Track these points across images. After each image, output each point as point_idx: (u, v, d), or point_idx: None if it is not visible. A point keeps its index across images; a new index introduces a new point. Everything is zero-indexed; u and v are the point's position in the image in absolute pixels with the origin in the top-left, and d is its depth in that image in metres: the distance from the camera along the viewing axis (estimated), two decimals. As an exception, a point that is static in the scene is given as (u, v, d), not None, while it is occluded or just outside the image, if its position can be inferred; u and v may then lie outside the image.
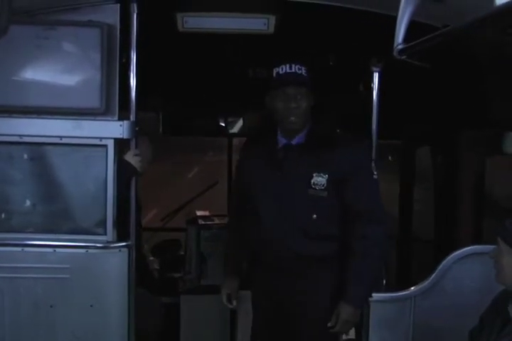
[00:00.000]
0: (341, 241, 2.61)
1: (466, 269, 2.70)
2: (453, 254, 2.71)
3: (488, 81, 3.19)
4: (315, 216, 2.56)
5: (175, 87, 3.10)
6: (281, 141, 2.64)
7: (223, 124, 5.23)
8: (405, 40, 2.13)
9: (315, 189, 2.55)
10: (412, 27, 2.13)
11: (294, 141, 2.63)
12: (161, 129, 4.72)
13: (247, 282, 2.90)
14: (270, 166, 2.63)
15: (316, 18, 3.11)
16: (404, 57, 2.19)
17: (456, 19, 2.57)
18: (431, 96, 3.77)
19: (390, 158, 5.41)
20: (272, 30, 3.34)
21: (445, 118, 3.87)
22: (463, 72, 3.38)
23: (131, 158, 2.82)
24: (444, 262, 2.71)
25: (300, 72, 2.56)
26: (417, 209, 4.82)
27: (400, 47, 2.17)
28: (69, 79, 2.74)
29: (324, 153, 2.56)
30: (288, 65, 2.56)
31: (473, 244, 2.89)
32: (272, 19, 3.29)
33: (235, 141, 5.01)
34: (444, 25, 2.80)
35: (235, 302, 2.91)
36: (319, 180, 2.54)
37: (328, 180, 2.54)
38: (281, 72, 2.55)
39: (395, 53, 2.17)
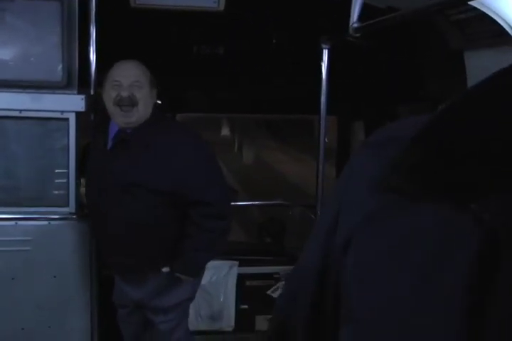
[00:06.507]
0: None
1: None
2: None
3: (424, 59, 3.43)
4: None
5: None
6: None
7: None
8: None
9: None
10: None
11: None
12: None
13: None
14: None
15: None
16: (358, 35, 2.38)
17: (398, 1, 2.79)
18: (369, 72, 3.95)
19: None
20: (222, 7, 3.43)
21: (382, 94, 4.06)
22: (400, 50, 3.60)
23: None
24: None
25: None
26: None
27: (355, 25, 2.34)
28: (28, 53, 2.72)
29: None
30: None
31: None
32: (223, -3, 3.38)
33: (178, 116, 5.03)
34: (388, 7, 3.00)
35: None
36: None
37: None
38: None
39: (350, 31, 2.34)
